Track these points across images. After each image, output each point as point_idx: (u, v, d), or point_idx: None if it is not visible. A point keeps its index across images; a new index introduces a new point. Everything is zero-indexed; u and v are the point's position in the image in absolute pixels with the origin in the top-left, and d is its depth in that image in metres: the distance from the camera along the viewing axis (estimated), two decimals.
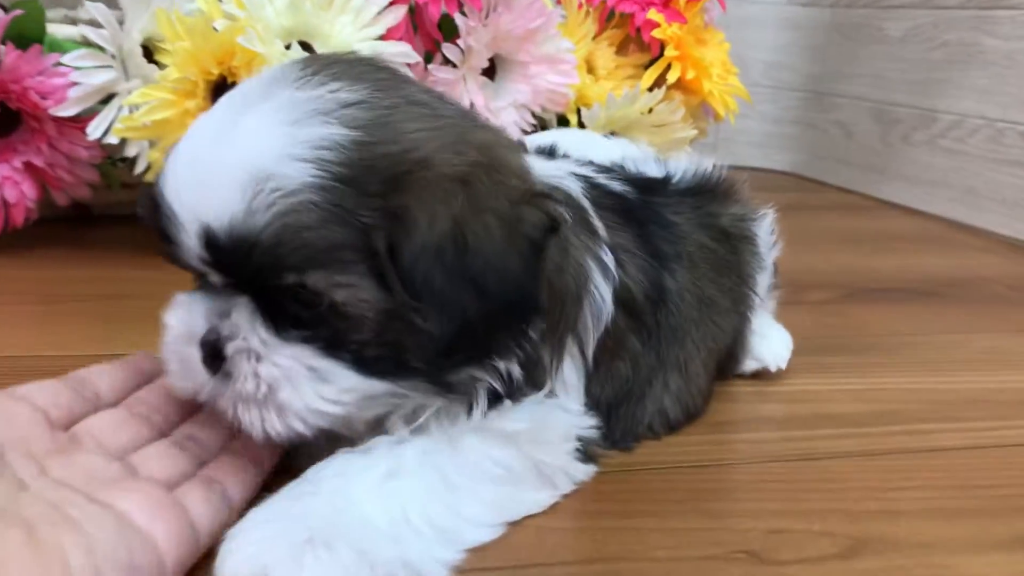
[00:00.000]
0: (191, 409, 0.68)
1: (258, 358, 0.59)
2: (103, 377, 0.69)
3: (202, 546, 0.57)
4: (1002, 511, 0.76)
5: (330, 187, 0.56)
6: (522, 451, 0.67)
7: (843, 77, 2.20)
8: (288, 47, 1.20)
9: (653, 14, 1.44)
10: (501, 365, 0.65)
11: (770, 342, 1.01)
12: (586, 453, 0.73)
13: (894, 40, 2.04)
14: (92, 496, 0.54)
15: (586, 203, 0.76)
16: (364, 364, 0.60)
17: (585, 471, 0.73)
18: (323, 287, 0.57)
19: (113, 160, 1.31)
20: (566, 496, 0.72)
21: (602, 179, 0.86)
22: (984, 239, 1.77)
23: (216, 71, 1.16)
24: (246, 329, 0.60)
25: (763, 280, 1.00)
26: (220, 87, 1.18)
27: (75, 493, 0.54)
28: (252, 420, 0.60)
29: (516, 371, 0.66)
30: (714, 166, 0.98)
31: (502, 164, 0.62)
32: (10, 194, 1.22)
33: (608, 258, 0.74)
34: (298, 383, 0.60)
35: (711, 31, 1.56)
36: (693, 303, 0.85)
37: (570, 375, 0.72)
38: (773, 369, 1.00)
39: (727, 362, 0.97)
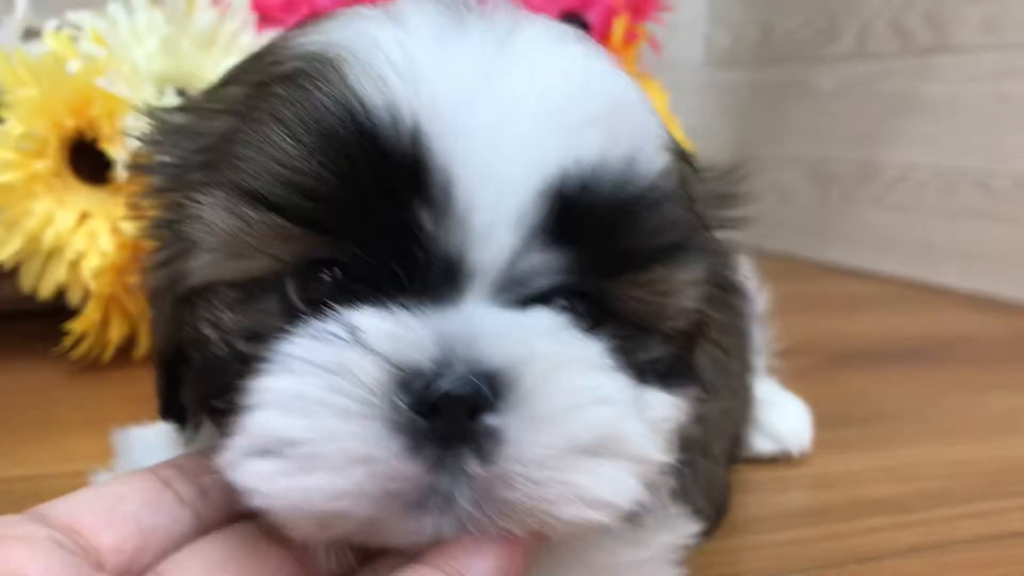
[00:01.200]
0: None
1: (595, 375, 0.38)
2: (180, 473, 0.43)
3: None
4: None
5: (679, 157, 0.44)
6: None
7: (772, 138, 2.08)
8: (162, 94, 0.99)
9: None
10: None
11: (786, 416, 0.82)
12: None
13: (825, 95, 1.93)
14: None
15: None
16: (659, 385, 0.43)
17: None
18: (677, 285, 0.42)
19: None
20: None
21: None
22: (947, 297, 1.63)
23: (71, 124, 0.95)
24: (554, 342, 0.38)
25: (760, 336, 0.83)
26: (76, 145, 0.97)
27: None
28: (587, 486, 0.36)
29: None
30: None
31: None
32: None
33: None
34: (634, 413, 0.39)
35: (646, 79, 1.40)
36: (710, 364, 0.66)
37: None
38: (796, 453, 0.81)
39: (733, 447, 0.77)
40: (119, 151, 0.94)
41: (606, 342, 0.39)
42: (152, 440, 0.56)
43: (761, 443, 0.81)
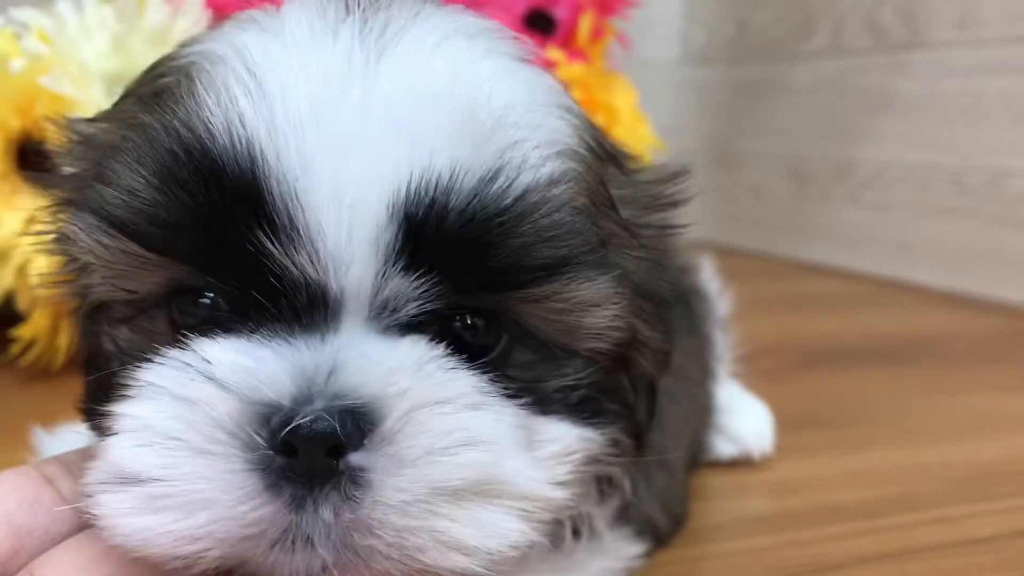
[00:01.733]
0: None
1: (466, 412, 0.36)
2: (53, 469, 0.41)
3: None
4: None
5: (589, 162, 0.41)
6: None
7: (748, 135, 2.07)
8: (112, 93, 0.97)
9: (553, 52, 1.25)
10: None
11: (747, 419, 0.81)
12: None
13: (801, 91, 1.92)
14: None
15: None
16: (569, 415, 0.41)
17: None
18: (580, 303, 0.40)
19: None
20: None
21: None
22: (923, 295, 1.62)
23: (15, 124, 0.92)
24: (423, 374, 0.36)
25: (721, 340, 0.82)
26: (23, 146, 0.94)
27: None
28: (452, 534, 0.34)
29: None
30: None
31: None
32: None
33: None
34: (519, 450, 0.37)
35: (615, 76, 1.39)
36: (663, 374, 0.64)
37: None
38: (757, 456, 0.79)
39: (695, 449, 0.75)
40: None
41: (515, 370, 0.37)
42: (70, 441, 0.54)
43: (722, 446, 0.79)
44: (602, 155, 0.43)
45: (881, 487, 0.77)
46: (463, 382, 0.36)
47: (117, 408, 0.34)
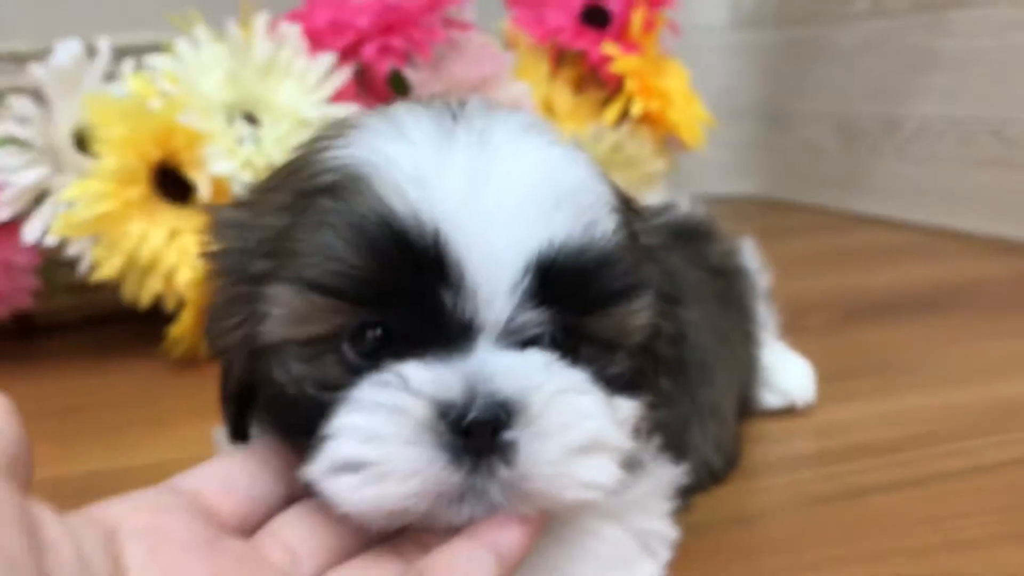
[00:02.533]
0: None
1: (579, 396, 0.50)
2: None
3: None
4: None
5: (623, 211, 0.54)
6: (627, 524, 0.60)
7: (800, 95, 2.17)
8: (232, 121, 1.13)
9: (608, 47, 1.38)
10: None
11: (791, 374, 0.94)
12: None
13: (847, 52, 2.01)
14: None
15: None
16: (623, 393, 0.55)
17: (676, 534, 0.65)
18: (629, 314, 0.53)
19: (55, 262, 1.21)
20: None
21: None
22: (970, 243, 1.72)
23: (156, 154, 1.09)
24: (554, 373, 0.50)
25: (763, 310, 0.96)
26: (161, 172, 1.11)
27: None
28: (583, 475, 0.49)
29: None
30: (687, 208, 0.96)
31: None
32: None
33: None
34: (611, 420, 0.52)
35: (667, 60, 1.51)
36: (711, 337, 0.78)
37: None
38: (800, 404, 0.93)
39: (744, 403, 0.90)
40: (199, 175, 1.08)
41: (584, 363, 0.52)
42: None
43: (770, 399, 0.93)
44: (625, 203, 0.57)
45: (908, 427, 0.90)
46: (574, 376, 0.51)
47: (332, 420, 0.49)
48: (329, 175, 0.51)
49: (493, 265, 0.47)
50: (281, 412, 0.54)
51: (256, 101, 1.15)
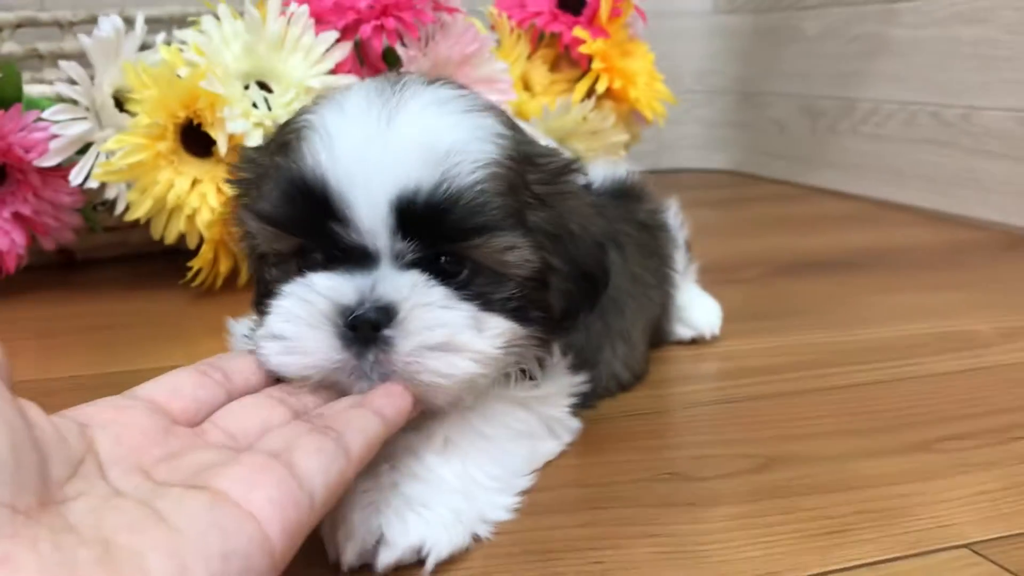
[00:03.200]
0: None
1: (436, 310, 0.66)
2: (236, 364, 0.66)
3: (318, 503, 0.53)
4: (892, 428, 0.89)
5: (508, 165, 0.68)
6: (535, 411, 0.79)
7: (770, 77, 2.35)
8: (247, 87, 1.32)
9: (579, 31, 1.57)
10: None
11: (701, 311, 1.14)
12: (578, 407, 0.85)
13: (812, 38, 2.19)
14: (190, 484, 0.50)
15: None
16: (507, 314, 0.70)
17: (577, 424, 0.85)
18: (499, 248, 0.67)
19: (94, 204, 1.42)
20: None
21: None
22: (908, 213, 1.91)
23: (182, 114, 1.28)
24: (419, 289, 0.66)
25: (680, 258, 1.14)
26: (187, 129, 1.30)
27: (171, 487, 0.50)
28: (433, 366, 0.65)
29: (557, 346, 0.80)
30: (627, 172, 1.13)
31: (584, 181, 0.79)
32: (2, 243, 1.33)
33: None
34: (470, 329, 0.67)
35: (635, 43, 1.70)
36: (627, 279, 0.97)
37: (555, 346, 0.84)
38: (708, 336, 1.13)
39: (656, 334, 1.09)
40: (219, 133, 1.27)
41: (474, 287, 0.68)
42: (245, 327, 0.89)
43: (683, 331, 1.13)
44: (521, 159, 0.70)
45: (789, 356, 1.08)
46: (437, 292, 0.67)
47: (273, 303, 0.68)
48: (290, 134, 0.71)
49: (371, 207, 0.65)
50: (263, 299, 0.73)
51: (268, 71, 1.35)
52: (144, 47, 1.37)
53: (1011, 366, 1.06)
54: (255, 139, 1.26)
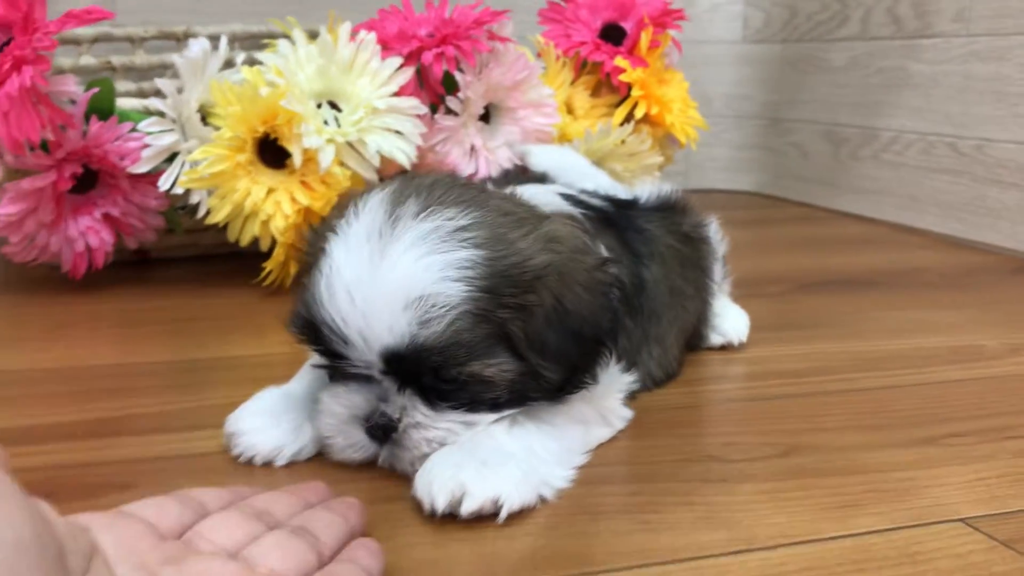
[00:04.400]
0: (298, 504, 0.71)
1: (425, 428, 0.79)
2: (207, 494, 0.67)
3: None
4: (902, 426, 0.99)
5: (478, 296, 0.75)
6: (591, 403, 0.91)
7: (796, 104, 2.47)
8: (319, 106, 1.45)
9: (620, 61, 1.69)
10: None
11: (731, 320, 1.25)
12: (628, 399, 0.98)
13: (837, 69, 2.30)
14: None
15: (579, 215, 0.99)
16: (497, 407, 0.81)
17: (629, 413, 0.97)
18: (478, 371, 0.77)
19: (175, 208, 1.55)
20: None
21: (585, 197, 1.10)
22: (924, 237, 2.02)
23: (261, 129, 1.41)
24: (410, 409, 0.79)
25: (718, 270, 1.25)
26: (264, 143, 1.43)
27: None
28: (418, 468, 0.79)
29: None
30: (672, 189, 1.23)
31: (578, 248, 0.84)
32: (93, 240, 1.46)
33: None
34: (458, 434, 0.80)
35: (671, 72, 1.82)
36: (665, 291, 1.08)
37: None
38: (736, 342, 1.24)
39: (694, 338, 1.20)
40: (294, 147, 1.40)
41: (468, 392, 0.79)
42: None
43: (715, 338, 1.24)
44: (492, 279, 0.75)
45: (812, 363, 1.19)
46: (423, 413, 0.79)
47: (319, 405, 0.83)
48: (322, 242, 0.81)
49: (364, 349, 0.77)
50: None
51: (338, 91, 1.47)
52: (227, 65, 1.50)
53: (1014, 376, 1.16)
54: (327, 154, 1.39)
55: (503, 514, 0.75)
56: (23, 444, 0.91)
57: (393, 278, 0.74)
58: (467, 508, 0.74)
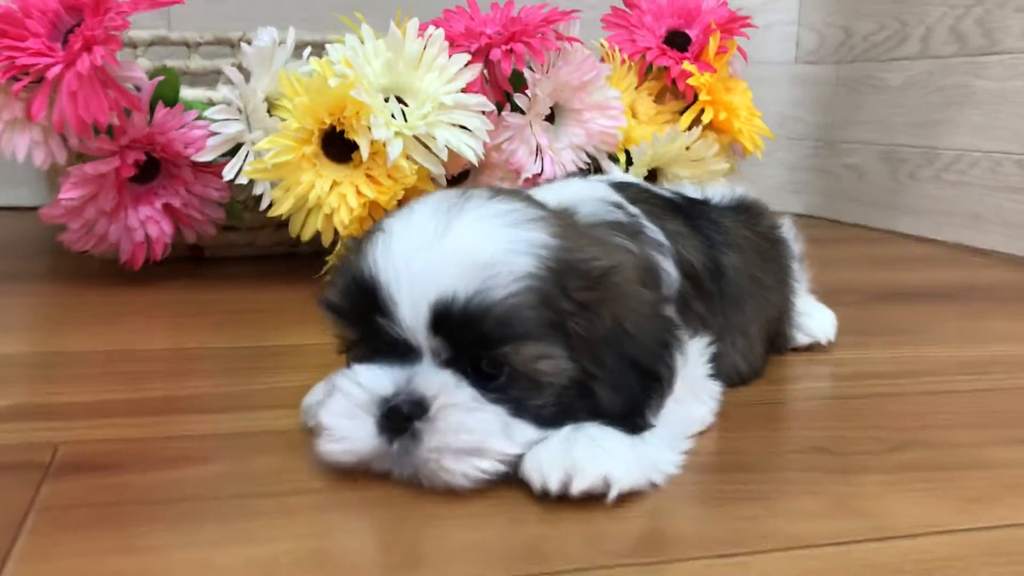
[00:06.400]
0: None
1: (465, 411, 0.71)
2: None
3: None
4: (1010, 424, 0.95)
5: (544, 276, 0.71)
6: (682, 376, 0.82)
7: (850, 125, 2.43)
8: (387, 100, 1.42)
9: (687, 65, 1.66)
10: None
11: (818, 319, 1.20)
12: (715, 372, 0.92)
13: (894, 89, 2.27)
14: None
15: (630, 204, 0.94)
16: (541, 421, 0.74)
17: (718, 387, 0.92)
18: (531, 357, 0.71)
19: (236, 201, 1.51)
20: None
21: (650, 186, 1.07)
22: (990, 257, 1.97)
23: (328, 121, 1.38)
24: (449, 389, 0.71)
25: (798, 268, 1.21)
26: (330, 135, 1.40)
27: None
28: (454, 467, 0.71)
29: None
30: (745, 192, 1.21)
31: (641, 279, 0.81)
32: (152, 231, 1.43)
33: (662, 238, 0.91)
34: (497, 434, 0.72)
35: (736, 80, 1.78)
36: (745, 278, 1.04)
37: None
38: (824, 342, 1.19)
39: (776, 338, 1.15)
40: (362, 139, 1.37)
41: (510, 391, 0.72)
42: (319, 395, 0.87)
43: (800, 337, 1.19)
44: (562, 269, 0.72)
45: (907, 365, 1.15)
46: (466, 393, 0.71)
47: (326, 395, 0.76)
48: (369, 233, 0.78)
49: (413, 306, 0.71)
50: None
51: (406, 86, 1.44)
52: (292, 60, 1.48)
53: None
54: (395, 146, 1.36)
55: (613, 493, 0.71)
56: (91, 417, 0.89)
57: (459, 244, 0.71)
58: (578, 486, 0.70)
